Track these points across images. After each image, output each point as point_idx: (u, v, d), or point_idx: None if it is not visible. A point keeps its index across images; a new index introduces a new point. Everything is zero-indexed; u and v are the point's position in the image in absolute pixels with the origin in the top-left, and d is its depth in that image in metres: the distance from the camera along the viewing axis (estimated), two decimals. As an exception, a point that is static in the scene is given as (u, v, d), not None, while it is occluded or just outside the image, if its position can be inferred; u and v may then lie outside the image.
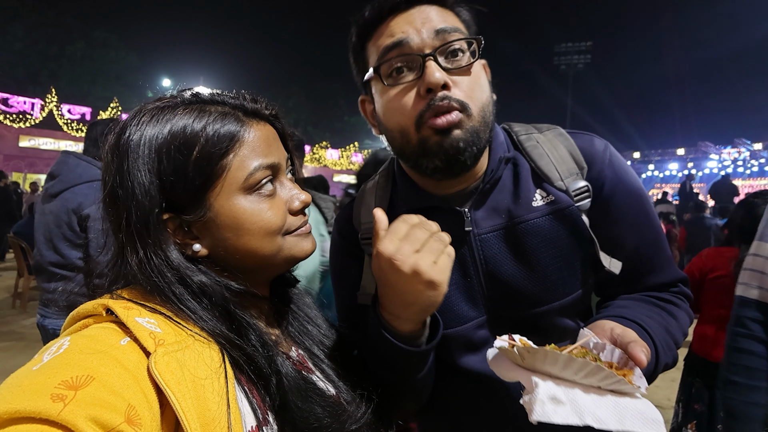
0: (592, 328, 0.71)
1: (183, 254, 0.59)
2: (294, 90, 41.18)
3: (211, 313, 0.57)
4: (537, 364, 0.58)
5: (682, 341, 0.84)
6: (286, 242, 0.64)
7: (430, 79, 0.73)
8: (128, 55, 30.37)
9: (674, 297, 0.87)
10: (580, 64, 52.74)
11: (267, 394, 0.56)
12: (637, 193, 0.86)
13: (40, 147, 19.02)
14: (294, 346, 0.71)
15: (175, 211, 0.59)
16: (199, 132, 0.58)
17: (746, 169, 35.98)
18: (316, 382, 0.66)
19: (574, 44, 52.25)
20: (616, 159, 0.86)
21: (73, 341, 0.47)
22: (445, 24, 0.76)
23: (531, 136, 0.89)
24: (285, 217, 0.64)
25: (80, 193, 2.01)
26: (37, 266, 2.12)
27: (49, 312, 2.11)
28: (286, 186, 0.66)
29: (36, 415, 0.38)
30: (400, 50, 0.76)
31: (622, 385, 0.55)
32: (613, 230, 0.84)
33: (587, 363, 0.54)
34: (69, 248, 2.02)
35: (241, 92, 0.66)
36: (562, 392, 0.54)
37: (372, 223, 0.92)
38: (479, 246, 0.84)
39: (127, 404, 0.42)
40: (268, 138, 0.64)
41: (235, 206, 0.59)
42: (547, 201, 0.83)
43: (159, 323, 0.52)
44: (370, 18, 0.79)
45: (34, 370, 0.43)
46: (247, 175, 0.59)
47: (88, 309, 0.53)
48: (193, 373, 0.48)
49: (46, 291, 2.13)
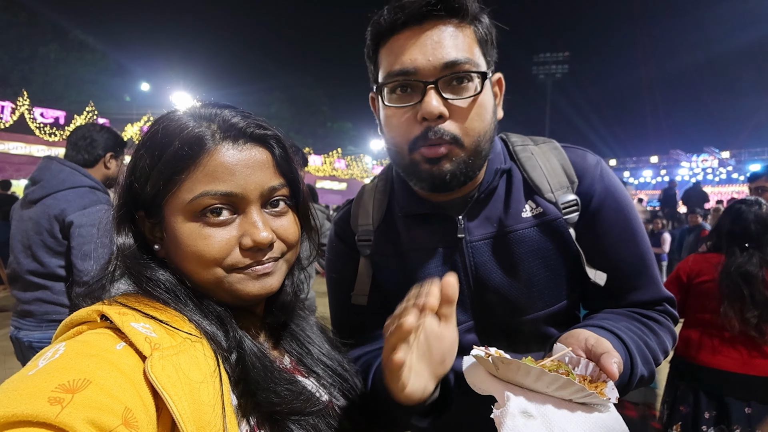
0: (567, 337, 0.71)
1: (151, 251, 0.63)
2: (276, 95, 40.94)
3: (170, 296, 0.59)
4: (510, 375, 0.59)
5: (662, 359, 0.85)
6: (228, 278, 0.60)
7: (426, 109, 0.74)
8: (104, 58, 29.68)
9: (658, 315, 0.88)
10: (558, 74, 54.11)
11: (228, 366, 0.56)
12: (625, 210, 0.87)
13: (10, 151, 18.32)
14: (287, 356, 0.71)
15: (144, 210, 0.62)
16: (168, 144, 0.59)
17: (715, 176, 37.45)
18: (305, 384, 0.66)
19: (552, 54, 53.60)
20: (606, 175, 0.88)
21: (68, 346, 0.47)
22: (456, 54, 0.75)
23: (526, 148, 0.91)
24: (227, 251, 0.59)
25: (63, 199, 1.92)
26: (13, 275, 2.01)
27: (24, 323, 1.99)
28: (250, 219, 0.61)
29: (33, 419, 0.38)
30: (405, 77, 0.76)
31: (593, 398, 0.55)
32: (598, 244, 0.86)
33: (558, 377, 0.55)
34: (49, 256, 1.93)
35: (236, 109, 0.64)
36: (533, 406, 0.55)
37: (369, 225, 0.94)
38: (470, 253, 0.86)
39: (124, 407, 0.42)
40: (237, 163, 0.59)
41: (177, 225, 0.59)
42: (535, 212, 0.85)
43: (154, 328, 0.52)
44: (386, 26, 0.78)
45: (29, 375, 0.43)
46: (191, 198, 0.58)
47: (82, 316, 0.53)
48: (189, 377, 0.48)
49: (20, 301, 2.00)
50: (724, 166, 37.73)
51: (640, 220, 0.90)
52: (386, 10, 0.77)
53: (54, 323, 1.95)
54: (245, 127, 0.61)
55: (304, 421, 0.60)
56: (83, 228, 1.85)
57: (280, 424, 0.58)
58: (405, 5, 0.75)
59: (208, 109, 0.63)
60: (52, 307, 1.95)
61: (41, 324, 1.96)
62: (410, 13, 0.75)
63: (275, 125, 0.66)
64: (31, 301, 1.97)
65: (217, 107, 0.63)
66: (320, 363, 0.73)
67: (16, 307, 2.03)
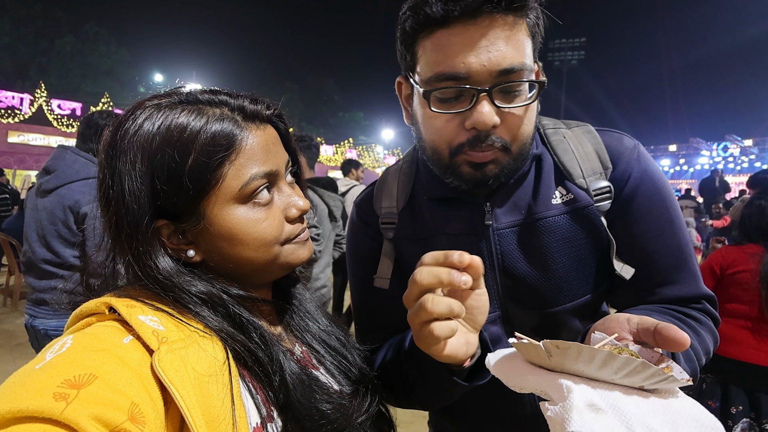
0: (604, 322, 0.61)
1: (177, 259, 0.58)
2: (288, 85, 41.01)
3: (213, 314, 0.56)
4: (568, 362, 0.49)
5: (704, 360, 0.77)
6: (284, 250, 0.63)
7: (479, 119, 0.69)
8: (119, 49, 30.00)
9: (698, 313, 0.80)
10: (574, 60, 53.00)
11: (271, 390, 0.56)
12: (663, 197, 0.81)
13: (30, 143, 18.71)
14: (297, 343, 0.71)
15: (168, 218, 0.58)
16: (195, 138, 0.55)
17: (737, 165, 36.47)
18: (319, 377, 0.65)
19: (568, 40, 52.49)
20: (644, 158, 0.82)
21: (75, 339, 0.47)
22: (513, 60, 0.68)
23: (558, 131, 0.87)
24: (282, 227, 0.62)
25: (77, 190, 1.91)
26: (28, 263, 2.01)
27: (39, 311, 1.99)
28: (285, 192, 0.64)
29: (38, 415, 0.38)
30: (457, 83, 0.70)
31: (669, 383, 0.46)
32: (630, 231, 0.80)
33: (631, 359, 0.45)
34: (63, 246, 1.91)
35: (241, 93, 0.63)
36: (600, 398, 0.46)
37: (393, 208, 0.92)
38: (497, 241, 0.82)
39: (131, 402, 0.42)
40: (267, 143, 0.61)
41: (229, 216, 0.58)
42: (566, 199, 0.81)
43: (162, 321, 0.51)
44: (435, 17, 0.69)
45: (36, 369, 0.43)
46: (242, 184, 0.57)
47: (90, 307, 0.52)
48: (197, 371, 0.48)
49: (35, 289, 2.00)
50: (747, 154, 36.70)
51: (680, 210, 0.84)
52: None
53: (70, 312, 1.97)
54: (261, 109, 0.62)
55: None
56: (97, 220, 1.83)
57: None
58: None
59: (208, 96, 0.60)
60: (66, 296, 1.97)
61: (57, 312, 1.96)
62: (467, 7, 0.66)
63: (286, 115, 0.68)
64: (46, 289, 1.97)
65: (210, 93, 0.60)
66: (323, 343, 0.73)
67: (31, 295, 2.03)
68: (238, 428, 0.48)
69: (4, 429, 0.37)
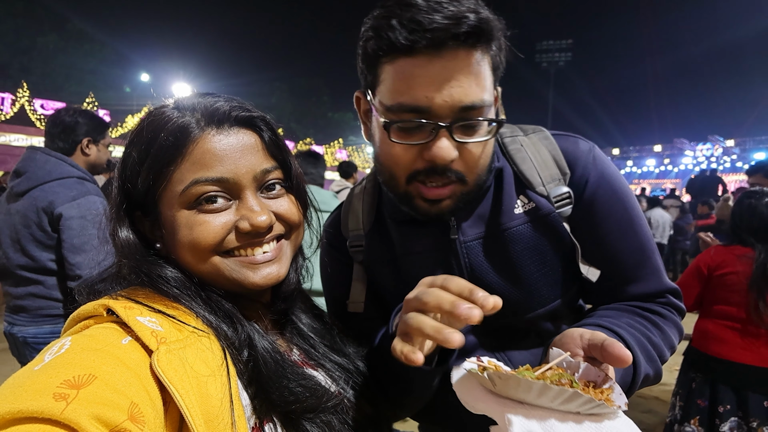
0: (561, 338, 0.67)
1: (153, 248, 0.62)
2: (277, 86, 40.71)
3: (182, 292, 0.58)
4: (509, 391, 0.54)
5: (668, 355, 0.81)
6: (225, 263, 0.60)
7: (438, 154, 0.69)
8: (104, 48, 29.46)
9: (662, 308, 0.83)
10: (561, 62, 53.58)
11: (241, 363, 0.55)
12: (622, 197, 0.82)
13: (12, 143, 18.28)
14: (296, 349, 0.71)
15: (141, 210, 0.62)
16: (155, 139, 0.58)
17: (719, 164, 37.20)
18: (315, 377, 0.66)
19: (556, 42, 53.04)
20: (600, 160, 0.83)
21: (74, 341, 0.47)
22: (474, 97, 0.68)
23: (516, 139, 0.87)
24: (220, 235, 0.59)
25: (50, 191, 1.83)
26: (3, 270, 1.93)
27: (17, 319, 1.93)
28: (246, 203, 0.60)
29: (39, 415, 0.38)
30: (418, 116, 0.69)
31: (602, 408, 0.51)
32: (593, 235, 0.82)
33: (564, 390, 0.50)
34: (39, 250, 1.85)
35: (218, 95, 0.63)
36: (538, 426, 0.50)
37: (360, 230, 0.92)
38: (465, 253, 0.83)
39: (130, 402, 0.42)
40: (225, 149, 0.59)
41: (173, 217, 0.59)
42: (528, 208, 0.82)
43: (160, 322, 0.52)
44: (399, 45, 0.66)
45: (35, 370, 0.43)
46: (182, 188, 0.58)
47: (88, 310, 0.53)
48: (196, 370, 0.48)
49: (12, 296, 1.93)
50: (729, 154, 37.49)
51: (639, 208, 0.86)
52: (399, 22, 0.65)
53: (48, 318, 1.90)
54: (229, 111, 0.60)
55: (318, 419, 0.59)
56: (73, 220, 1.78)
57: (294, 423, 0.56)
58: (426, 26, 0.63)
59: (191, 99, 0.62)
60: (45, 301, 1.90)
61: (35, 319, 1.91)
62: (432, 41, 0.64)
63: (275, 116, 0.66)
64: (23, 296, 1.91)
65: (200, 96, 0.62)
66: (325, 353, 0.73)
67: (9, 303, 1.96)
68: (237, 427, 0.48)
69: (4, 429, 0.37)
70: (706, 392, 2.10)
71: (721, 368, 2.05)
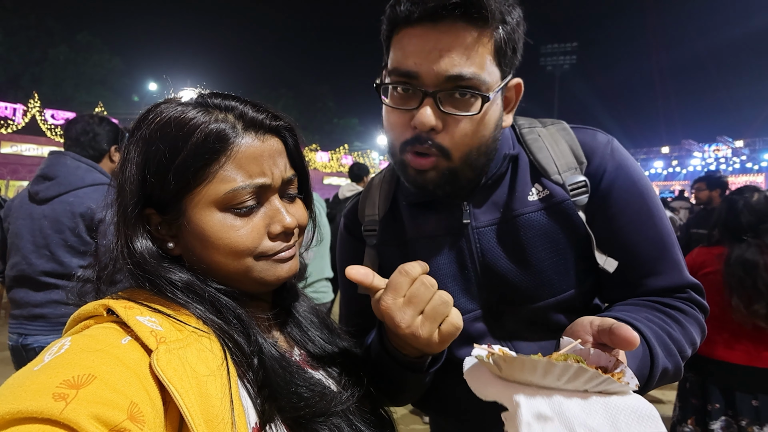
0: (572, 326, 0.67)
1: (161, 249, 0.60)
2: (282, 92, 41.02)
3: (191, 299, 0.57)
4: (516, 373, 0.53)
5: (689, 351, 0.77)
6: (257, 265, 0.61)
7: (419, 119, 0.72)
8: (112, 58, 29.94)
9: (682, 303, 0.81)
10: (566, 65, 53.40)
11: (251, 371, 0.55)
12: (640, 189, 0.82)
13: (23, 153, 18.61)
14: (296, 347, 0.71)
15: (156, 208, 0.59)
16: (189, 137, 0.56)
17: (729, 166, 36.78)
18: (314, 375, 0.66)
19: (560, 45, 52.90)
20: (618, 152, 0.83)
21: (73, 341, 0.47)
22: (463, 69, 0.70)
23: (533, 130, 0.88)
24: (259, 240, 0.60)
25: (87, 197, 1.81)
26: (20, 277, 1.85)
27: (34, 328, 1.83)
28: (274, 206, 0.62)
29: (38, 415, 0.38)
30: (407, 80, 0.73)
31: (609, 384, 0.50)
32: (610, 226, 0.81)
33: (568, 365, 0.49)
34: (71, 255, 1.80)
35: (251, 100, 0.63)
36: (547, 406, 0.50)
37: (375, 215, 0.95)
38: (477, 238, 0.84)
39: (130, 401, 0.42)
40: (263, 155, 0.60)
41: (206, 218, 0.58)
42: (542, 195, 0.82)
43: (160, 322, 0.52)
44: (400, 16, 0.73)
45: (35, 371, 0.43)
46: (226, 191, 0.57)
47: (89, 310, 0.53)
48: (196, 370, 0.48)
49: (29, 304, 1.83)
50: (738, 155, 37.04)
51: (659, 202, 0.84)
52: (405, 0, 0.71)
53: None
54: (264, 118, 0.61)
55: (329, 422, 0.59)
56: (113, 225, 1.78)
57: (305, 428, 0.57)
58: None
59: (217, 100, 0.61)
60: (68, 308, 1.92)
61: (56, 327, 1.84)
62: (425, 10, 0.69)
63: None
64: (44, 303, 1.83)
65: (222, 98, 0.62)
66: (324, 350, 0.73)
67: (23, 312, 1.87)
68: (237, 428, 0.48)
69: (3, 430, 0.37)
70: (698, 391, 2.11)
71: (710, 367, 2.07)
